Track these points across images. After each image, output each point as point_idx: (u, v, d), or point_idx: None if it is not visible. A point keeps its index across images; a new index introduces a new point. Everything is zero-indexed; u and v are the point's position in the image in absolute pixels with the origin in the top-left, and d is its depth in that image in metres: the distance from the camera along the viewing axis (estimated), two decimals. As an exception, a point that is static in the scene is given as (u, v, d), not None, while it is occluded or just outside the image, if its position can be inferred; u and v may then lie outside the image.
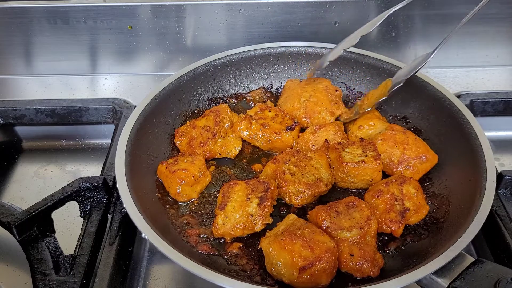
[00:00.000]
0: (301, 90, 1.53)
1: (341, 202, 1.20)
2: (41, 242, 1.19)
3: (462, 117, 1.34)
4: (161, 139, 1.44)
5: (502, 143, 1.68)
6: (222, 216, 1.19)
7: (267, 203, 1.20)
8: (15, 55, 1.85)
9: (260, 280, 1.12)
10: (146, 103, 1.40)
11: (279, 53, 1.64)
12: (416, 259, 1.12)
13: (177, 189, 1.28)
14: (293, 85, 1.59)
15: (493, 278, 0.99)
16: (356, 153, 1.31)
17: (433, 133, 1.44)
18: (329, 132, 1.42)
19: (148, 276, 1.25)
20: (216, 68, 1.59)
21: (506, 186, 1.31)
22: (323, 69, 1.58)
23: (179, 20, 1.77)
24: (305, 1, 1.73)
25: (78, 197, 1.27)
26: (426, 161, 1.34)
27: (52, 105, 1.59)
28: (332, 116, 1.48)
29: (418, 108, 1.50)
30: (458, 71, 1.90)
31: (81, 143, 1.67)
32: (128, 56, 1.86)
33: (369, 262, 1.10)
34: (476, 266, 1.02)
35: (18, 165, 1.60)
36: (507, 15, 1.79)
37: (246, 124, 1.43)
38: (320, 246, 1.06)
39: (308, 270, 1.04)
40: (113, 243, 1.19)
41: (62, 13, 1.73)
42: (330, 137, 1.40)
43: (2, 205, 1.25)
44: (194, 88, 1.56)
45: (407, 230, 1.23)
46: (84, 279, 1.11)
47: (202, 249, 1.18)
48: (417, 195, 1.24)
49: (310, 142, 1.41)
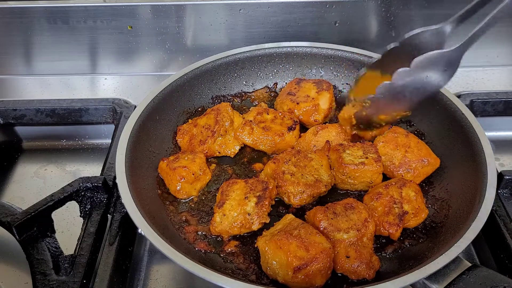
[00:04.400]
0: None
1: (339, 204, 1.20)
2: (41, 242, 1.19)
3: (465, 121, 1.34)
4: (164, 136, 1.45)
5: (502, 143, 1.68)
6: (220, 214, 1.20)
7: (265, 202, 1.20)
8: (15, 55, 1.85)
9: (255, 279, 1.12)
10: (150, 100, 1.41)
11: (285, 53, 1.64)
12: (412, 262, 1.12)
13: (177, 186, 1.29)
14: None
15: (486, 285, 0.98)
16: (356, 155, 1.31)
17: (436, 137, 1.43)
18: (331, 133, 1.41)
19: (148, 276, 1.25)
20: (221, 67, 1.59)
21: (506, 186, 1.31)
22: (329, 71, 1.59)
23: (179, 20, 1.77)
24: (305, 1, 1.73)
25: (78, 197, 1.28)
26: (427, 164, 1.33)
27: (52, 105, 1.59)
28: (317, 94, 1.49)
29: (421, 111, 1.49)
30: (458, 71, 1.85)
31: (81, 143, 1.67)
32: (128, 56, 1.86)
33: (365, 264, 1.10)
34: (470, 273, 1.01)
35: (18, 165, 1.60)
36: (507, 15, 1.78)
37: (248, 130, 1.43)
38: (316, 246, 1.06)
39: (302, 270, 1.04)
40: (113, 243, 1.19)
41: (62, 13, 1.73)
42: (332, 138, 1.40)
43: (2, 205, 1.25)
44: (198, 86, 1.57)
45: (406, 233, 1.22)
46: (84, 279, 1.11)
47: (199, 247, 1.19)
48: (417, 198, 1.24)
49: (311, 142, 1.41)
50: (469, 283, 1.00)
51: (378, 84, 1.19)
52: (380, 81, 1.19)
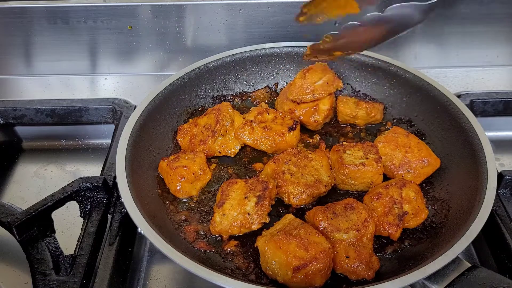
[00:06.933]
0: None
1: (339, 204, 1.20)
2: (41, 242, 1.19)
3: (465, 121, 1.34)
4: (164, 135, 1.45)
5: (502, 143, 1.68)
6: (220, 213, 1.20)
7: (265, 202, 1.21)
8: (15, 55, 1.86)
9: (255, 278, 1.12)
10: (150, 99, 1.41)
11: (285, 53, 1.65)
12: (412, 263, 1.12)
13: (177, 185, 1.29)
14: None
15: (486, 286, 0.98)
16: (357, 155, 1.31)
17: (437, 137, 1.43)
18: (317, 72, 1.46)
19: (148, 276, 1.25)
20: (222, 67, 1.60)
21: (506, 186, 1.31)
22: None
23: (179, 20, 1.77)
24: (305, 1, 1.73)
25: (78, 197, 1.28)
26: (428, 165, 1.33)
27: (52, 105, 1.59)
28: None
29: (422, 112, 1.49)
30: (458, 71, 1.90)
31: (81, 143, 1.67)
32: (128, 56, 1.86)
33: (365, 265, 1.10)
34: (470, 273, 1.01)
35: (18, 165, 1.60)
36: (507, 15, 1.79)
37: (249, 129, 1.43)
38: (315, 246, 1.06)
39: (302, 270, 1.04)
40: (113, 243, 1.19)
41: (62, 13, 1.74)
42: (320, 77, 1.45)
43: (2, 205, 1.25)
44: (199, 86, 1.57)
45: (406, 233, 1.22)
46: (84, 279, 1.11)
47: (199, 246, 1.19)
48: (417, 199, 1.24)
49: (303, 86, 1.44)
50: (468, 284, 1.00)
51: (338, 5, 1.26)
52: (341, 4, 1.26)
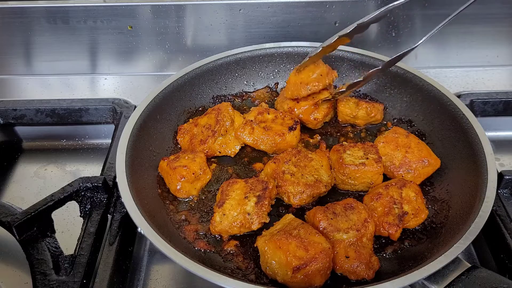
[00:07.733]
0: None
1: (339, 204, 1.20)
2: (41, 242, 1.19)
3: (466, 121, 1.34)
4: (164, 135, 1.45)
5: (502, 143, 1.68)
6: (220, 213, 1.20)
7: (265, 202, 1.20)
8: (15, 55, 1.86)
9: (255, 278, 1.12)
10: (150, 99, 1.41)
11: (285, 53, 1.65)
12: (412, 263, 1.12)
13: (177, 185, 1.29)
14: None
15: (485, 286, 0.98)
16: (357, 156, 1.31)
17: (437, 138, 1.44)
18: (310, 67, 1.45)
19: (148, 276, 1.25)
20: (222, 67, 1.60)
21: (506, 186, 1.31)
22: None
23: (179, 20, 1.77)
24: (305, 1, 1.73)
25: (78, 197, 1.28)
26: (428, 165, 1.33)
27: (52, 105, 1.59)
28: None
29: (423, 112, 1.49)
30: (458, 71, 1.90)
31: (81, 143, 1.67)
32: (128, 56, 1.87)
33: (364, 265, 1.10)
34: (469, 273, 1.01)
35: (18, 165, 1.60)
36: (507, 15, 1.79)
37: (249, 129, 1.43)
38: (315, 246, 1.06)
39: (302, 270, 1.04)
40: (113, 243, 1.19)
41: (62, 13, 1.74)
42: (313, 71, 1.44)
43: (2, 205, 1.25)
44: (199, 85, 1.57)
45: (406, 234, 1.22)
46: (84, 279, 1.11)
47: (199, 246, 1.19)
48: (417, 199, 1.24)
49: (297, 82, 1.44)
50: (468, 284, 1.00)
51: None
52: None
